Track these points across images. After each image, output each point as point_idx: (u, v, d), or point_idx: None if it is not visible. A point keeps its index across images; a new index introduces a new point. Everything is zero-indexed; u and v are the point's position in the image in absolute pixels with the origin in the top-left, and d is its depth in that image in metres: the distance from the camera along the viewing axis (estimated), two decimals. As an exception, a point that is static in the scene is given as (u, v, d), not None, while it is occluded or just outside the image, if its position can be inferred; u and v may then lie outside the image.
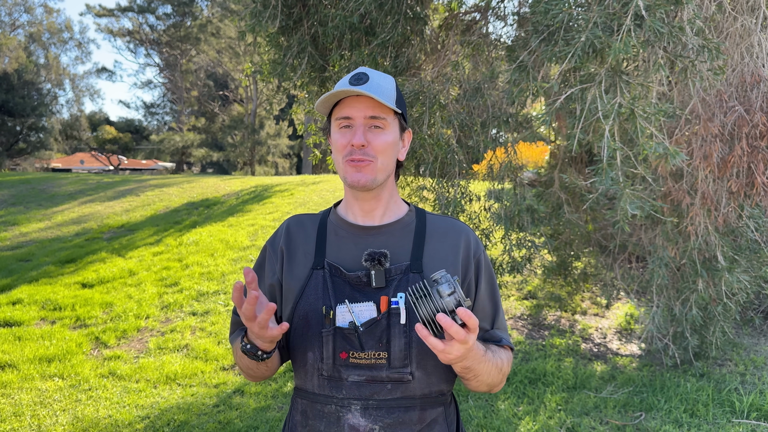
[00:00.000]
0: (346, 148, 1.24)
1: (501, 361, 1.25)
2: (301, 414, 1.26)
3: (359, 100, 1.22)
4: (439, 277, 1.04)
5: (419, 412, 1.21)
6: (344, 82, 1.24)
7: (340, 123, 1.25)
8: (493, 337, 1.31)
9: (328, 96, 1.22)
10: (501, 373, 1.25)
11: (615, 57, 2.26)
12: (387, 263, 1.23)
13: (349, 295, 1.22)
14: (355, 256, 1.26)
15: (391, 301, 1.20)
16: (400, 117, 1.29)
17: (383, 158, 1.24)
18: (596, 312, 5.65)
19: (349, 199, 1.33)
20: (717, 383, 4.07)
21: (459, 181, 3.93)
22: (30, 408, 3.80)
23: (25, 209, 11.41)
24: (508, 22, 4.41)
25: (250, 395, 4.00)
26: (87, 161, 37.90)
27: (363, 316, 1.20)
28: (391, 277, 1.23)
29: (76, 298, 6.00)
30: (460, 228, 1.33)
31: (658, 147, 2.37)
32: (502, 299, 5.81)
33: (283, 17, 3.85)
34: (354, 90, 1.19)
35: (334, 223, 1.34)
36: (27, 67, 31.05)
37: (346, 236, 1.30)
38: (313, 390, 1.23)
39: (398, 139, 1.29)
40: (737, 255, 3.62)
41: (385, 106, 1.23)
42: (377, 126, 1.23)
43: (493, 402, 3.84)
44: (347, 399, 1.20)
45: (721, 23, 3.18)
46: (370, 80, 1.23)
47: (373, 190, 1.28)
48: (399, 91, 1.30)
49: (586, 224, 4.83)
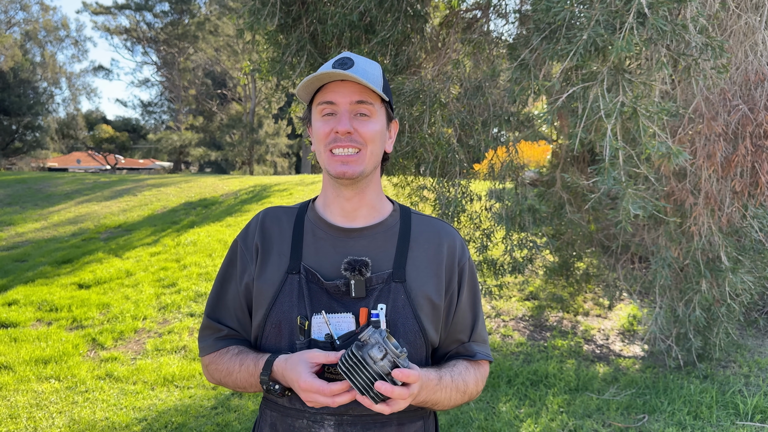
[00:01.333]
0: (330, 136, 1.15)
1: (464, 383, 1.20)
2: (270, 427, 1.20)
3: (344, 85, 1.14)
4: (368, 338, 1.01)
5: (396, 427, 1.17)
6: (327, 66, 1.16)
7: (323, 109, 1.16)
8: (468, 351, 1.26)
9: (310, 79, 1.13)
10: (465, 395, 1.21)
11: (617, 55, 2.26)
12: (368, 272, 1.16)
13: (327, 305, 1.15)
14: (333, 262, 1.18)
15: (371, 313, 1.14)
16: (387, 105, 1.21)
17: (372, 146, 1.16)
18: (598, 313, 5.66)
19: (330, 195, 1.23)
20: (721, 385, 4.07)
21: (460, 180, 3.93)
22: (26, 410, 3.80)
23: (21, 209, 11.42)
24: (509, 19, 4.41)
25: (248, 397, 4.00)
26: (84, 160, 37.92)
27: (341, 328, 1.13)
28: (372, 287, 1.16)
29: (72, 299, 6.00)
30: (446, 232, 1.27)
31: (660, 146, 2.37)
32: (503, 300, 5.83)
33: (281, 15, 3.85)
34: (339, 73, 1.11)
35: (312, 222, 1.24)
36: (23, 66, 31.06)
37: (325, 238, 1.22)
38: (283, 403, 1.17)
39: (385, 128, 1.21)
40: (741, 255, 3.62)
41: (372, 91, 1.15)
42: (363, 113, 1.15)
43: (494, 404, 3.85)
44: (320, 414, 1.14)
45: (725, 21, 3.18)
46: (355, 65, 1.14)
47: (358, 185, 1.20)
48: (385, 79, 1.23)
49: (589, 224, 4.84)
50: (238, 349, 1.23)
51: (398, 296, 1.16)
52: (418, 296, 1.18)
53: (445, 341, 1.26)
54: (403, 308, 1.16)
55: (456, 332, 1.26)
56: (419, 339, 1.18)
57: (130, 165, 37.92)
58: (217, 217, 9.91)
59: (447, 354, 1.28)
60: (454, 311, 1.24)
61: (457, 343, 1.27)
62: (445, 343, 1.26)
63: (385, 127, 1.21)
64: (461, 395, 1.20)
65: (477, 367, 1.27)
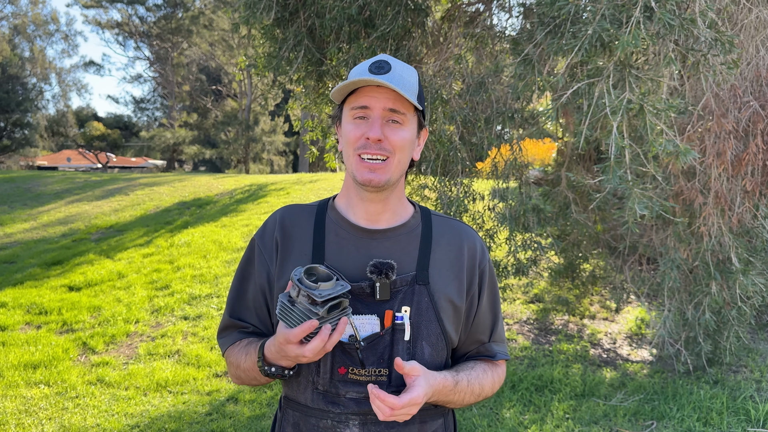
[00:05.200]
0: (360, 140, 1.18)
1: (480, 386, 1.26)
2: (293, 427, 1.24)
3: (379, 90, 1.17)
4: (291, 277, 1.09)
5: (419, 425, 1.22)
6: (363, 69, 1.18)
7: (356, 113, 1.19)
8: (488, 351, 1.33)
9: (347, 84, 1.16)
10: (480, 397, 1.28)
11: (624, 50, 2.27)
12: (394, 275, 1.19)
13: (351, 306, 1.18)
14: (357, 263, 1.21)
15: (395, 315, 1.19)
16: (419, 114, 1.24)
17: (401, 155, 1.20)
18: (605, 316, 5.66)
19: (353, 197, 1.26)
20: (731, 390, 4.08)
21: (462, 179, 3.94)
22: (14, 416, 3.81)
23: (9, 209, 11.43)
24: (513, 13, 4.42)
25: (244, 403, 4.01)
26: (74, 159, 37.94)
27: (365, 330, 1.18)
28: (396, 289, 1.20)
29: (62, 302, 6.01)
30: (467, 234, 1.31)
31: (668, 144, 2.38)
32: (507, 303, 5.84)
33: (278, 8, 3.86)
34: (376, 80, 1.13)
35: (333, 221, 1.27)
36: (11, 61, 31.08)
37: (348, 238, 1.25)
38: (306, 403, 1.21)
39: (415, 137, 1.24)
40: (752, 257, 3.62)
41: (406, 100, 1.18)
42: (395, 120, 1.18)
43: (498, 410, 3.86)
44: (345, 414, 1.19)
45: (735, 15, 3.19)
46: (392, 70, 1.17)
47: (383, 192, 1.23)
48: (421, 86, 1.25)
49: (595, 224, 4.84)
50: (247, 341, 1.27)
51: (422, 299, 1.21)
52: (441, 299, 1.23)
53: (466, 342, 1.32)
54: (426, 311, 1.21)
55: (476, 333, 1.32)
56: (441, 341, 1.23)
57: (121, 163, 37.92)
58: (211, 217, 9.92)
59: (466, 354, 1.34)
60: (475, 313, 1.30)
61: (478, 343, 1.33)
62: (466, 344, 1.32)
63: (415, 135, 1.24)
64: (475, 397, 1.27)
65: (495, 368, 1.33)
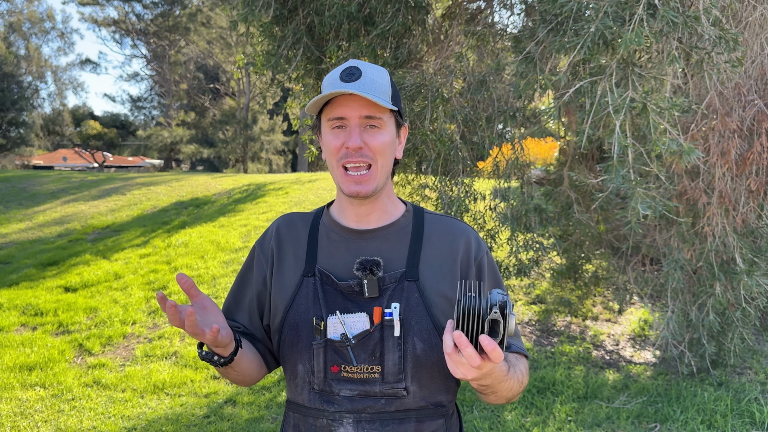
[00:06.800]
0: (341, 151, 1.22)
1: (522, 374, 1.25)
2: (293, 428, 1.28)
3: (353, 98, 1.20)
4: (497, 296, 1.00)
5: (415, 424, 1.23)
6: (334, 77, 1.22)
7: (333, 123, 1.23)
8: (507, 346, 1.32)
9: (320, 98, 1.20)
10: (521, 386, 1.25)
11: (627, 48, 2.27)
12: (380, 272, 1.23)
13: (341, 306, 1.23)
14: (347, 263, 1.26)
15: (384, 312, 1.21)
16: (396, 114, 1.28)
17: (382, 160, 1.23)
18: (608, 317, 5.66)
19: (344, 201, 1.31)
20: (736, 393, 4.08)
21: (463, 179, 3.94)
22: (10, 419, 3.81)
23: (4, 209, 11.43)
24: (514, 11, 4.42)
25: (242, 405, 4.01)
26: (70, 158, 37.92)
27: (355, 327, 1.21)
28: (384, 286, 1.23)
29: (58, 303, 6.01)
30: (460, 229, 1.32)
31: (672, 143, 2.38)
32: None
33: (277, 6, 3.86)
34: (347, 90, 1.17)
35: (326, 226, 1.33)
36: (6, 59, 31.09)
37: (339, 240, 1.30)
38: (304, 403, 1.25)
39: (395, 137, 1.28)
40: (757, 257, 3.62)
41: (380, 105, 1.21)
42: (373, 125, 1.22)
43: (499, 413, 3.86)
44: (339, 412, 1.22)
45: (740, 12, 3.19)
46: (363, 76, 1.20)
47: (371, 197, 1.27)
48: (394, 85, 1.29)
49: (598, 225, 4.84)
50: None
51: (411, 295, 1.23)
52: (432, 294, 1.24)
53: None
54: (416, 306, 1.22)
55: None
56: (434, 337, 1.23)
57: (118, 163, 37.91)
58: (209, 217, 9.92)
59: None
60: None
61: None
62: None
63: (395, 135, 1.28)
64: (519, 386, 1.23)
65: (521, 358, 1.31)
